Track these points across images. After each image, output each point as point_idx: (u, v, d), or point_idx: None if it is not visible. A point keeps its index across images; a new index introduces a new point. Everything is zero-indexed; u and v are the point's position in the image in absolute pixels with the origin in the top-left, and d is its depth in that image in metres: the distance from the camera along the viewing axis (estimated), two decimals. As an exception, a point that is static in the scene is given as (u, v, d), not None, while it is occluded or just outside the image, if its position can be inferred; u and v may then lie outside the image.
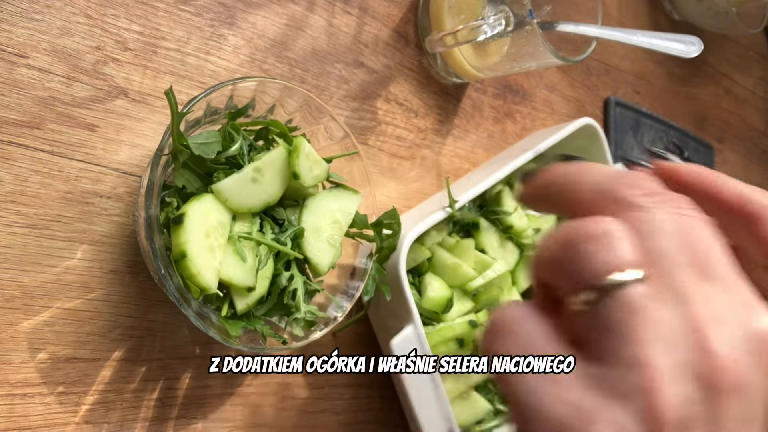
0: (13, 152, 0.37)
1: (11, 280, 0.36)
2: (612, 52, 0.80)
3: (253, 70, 0.47)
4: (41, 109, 0.37)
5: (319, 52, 0.51)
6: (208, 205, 0.37)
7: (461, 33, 0.50)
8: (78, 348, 0.38)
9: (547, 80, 0.70)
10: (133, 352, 0.40)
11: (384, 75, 0.55)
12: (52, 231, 0.38)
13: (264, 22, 0.48)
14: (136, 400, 0.40)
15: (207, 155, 0.38)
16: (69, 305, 0.38)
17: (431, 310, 0.50)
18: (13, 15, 0.37)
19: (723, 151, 0.99)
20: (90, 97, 0.39)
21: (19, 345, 0.36)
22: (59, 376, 0.37)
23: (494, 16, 0.49)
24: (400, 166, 0.56)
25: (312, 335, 0.41)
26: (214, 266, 0.37)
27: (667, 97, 0.89)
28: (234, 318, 0.40)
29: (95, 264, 0.39)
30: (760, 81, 1.10)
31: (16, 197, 0.36)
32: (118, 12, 0.41)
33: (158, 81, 0.42)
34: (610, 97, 0.78)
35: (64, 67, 0.38)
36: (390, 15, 0.56)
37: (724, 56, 1.02)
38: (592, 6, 0.53)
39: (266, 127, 0.42)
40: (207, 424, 0.42)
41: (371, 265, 0.44)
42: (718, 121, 0.99)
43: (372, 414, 0.51)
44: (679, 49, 0.52)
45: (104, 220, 0.39)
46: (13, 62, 0.37)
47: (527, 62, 0.52)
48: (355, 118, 0.53)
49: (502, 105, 0.65)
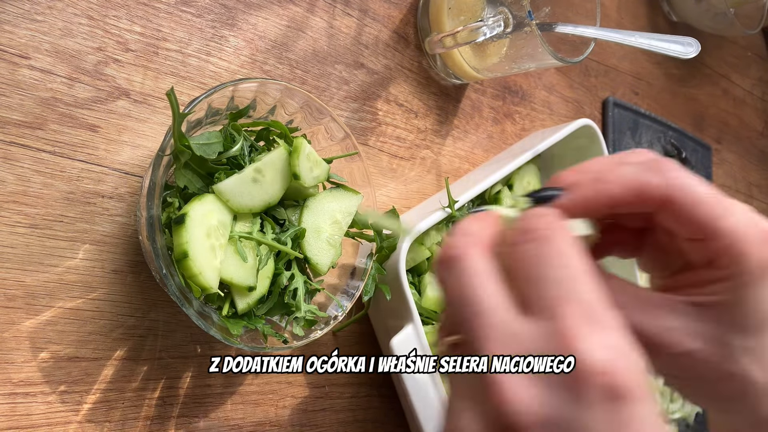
0: (16, 153, 0.37)
1: (14, 279, 0.36)
2: (610, 53, 0.81)
3: (254, 71, 0.47)
4: (43, 110, 0.38)
5: (319, 54, 0.51)
6: (210, 206, 0.38)
7: (461, 34, 0.51)
8: (80, 347, 0.38)
9: (546, 81, 0.71)
10: (134, 351, 0.40)
11: (384, 76, 0.55)
12: (54, 231, 0.38)
13: (265, 23, 0.48)
14: (138, 399, 0.40)
15: (208, 156, 0.38)
16: (71, 305, 0.38)
17: (431, 310, 0.50)
18: (15, 16, 0.37)
19: (721, 152, 1.00)
20: (92, 98, 0.39)
21: (21, 344, 0.36)
22: (61, 375, 0.37)
23: (493, 17, 0.49)
24: (400, 166, 0.56)
25: (312, 334, 0.41)
26: (215, 266, 0.37)
27: (665, 98, 0.89)
28: (235, 317, 0.40)
29: (97, 264, 0.39)
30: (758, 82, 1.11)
31: (19, 197, 0.37)
32: (119, 13, 0.41)
33: (159, 82, 0.42)
34: (609, 98, 0.78)
35: (65, 68, 0.39)
36: (390, 16, 0.56)
37: (722, 57, 1.03)
38: (591, 7, 0.53)
39: (267, 127, 0.42)
40: (208, 423, 0.43)
41: (371, 264, 0.44)
42: (717, 122, 0.99)
43: (372, 413, 0.51)
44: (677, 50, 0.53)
45: (106, 220, 0.40)
46: (16, 63, 0.37)
47: (526, 63, 0.52)
48: (355, 119, 0.53)
49: (502, 106, 0.66)
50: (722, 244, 0.27)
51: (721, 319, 0.28)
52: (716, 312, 0.28)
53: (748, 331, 0.28)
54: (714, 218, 0.27)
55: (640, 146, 0.82)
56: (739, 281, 0.27)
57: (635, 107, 0.81)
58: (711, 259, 0.28)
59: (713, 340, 0.28)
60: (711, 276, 0.28)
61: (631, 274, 0.65)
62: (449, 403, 0.25)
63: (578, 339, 0.22)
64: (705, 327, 0.28)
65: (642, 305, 0.29)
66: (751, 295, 0.27)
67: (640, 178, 0.27)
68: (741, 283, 0.27)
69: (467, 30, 0.50)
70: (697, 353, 0.28)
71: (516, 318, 0.24)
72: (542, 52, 0.49)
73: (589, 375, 0.21)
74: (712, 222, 0.27)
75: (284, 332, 0.42)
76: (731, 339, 0.28)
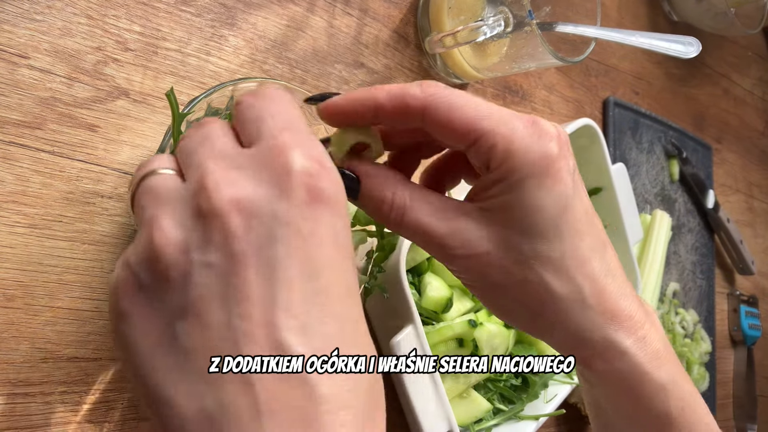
0: (15, 152, 0.37)
1: (13, 279, 0.36)
2: (611, 53, 0.80)
3: (253, 70, 0.47)
4: (42, 110, 0.38)
5: (319, 53, 0.51)
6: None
7: (461, 34, 0.51)
8: (79, 347, 0.38)
9: (546, 81, 0.71)
10: (134, 351, 0.40)
11: (384, 75, 0.55)
12: (54, 231, 0.38)
13: (265, 22, 0.48)
14: (138, 400, 0.40)
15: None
16: (70, 305, 0.38)
17: (431, 310, 0.50)
18: (15, 16, 0.37)
19: (722, 151, 1.00)
20: (91, 98, 0.39)
21: (20, 344, 0.36)
22: (61, 375, 0.37)
23: (493, 17, 0.49)
24: (400, 166, 0.56)
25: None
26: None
27: (665, 98, 0.89)
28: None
29: (96, 264, 0.39)
30: (759, 81, 1.10)
31: (18, 197, 0.37)
32: (118, 13, 0.41)
33: (159, 81, 0.42)
34: (609, 98, 0.78)
35: (65, 68, 0.39)
36: (390, 16, 0.56)
37: (723, 57, 1.02)
38: (591, 7, 0.53)
39: (267, 127, 0.42)
40: (207, 424, 0.43)
41: (371, 263, 0.44)
42: (717, 122, 0.99)
43: (372, 413, 0.51)
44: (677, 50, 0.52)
45: (105, 220, 0.40)
46: (15, 63, 0.37)
47: (526, 63, 0.52)
48: (355, 119, 0.53)
49: (502, 105, 0.66)
50: (486, 146, 0.27)
51: (506, 223, 0.28)
52: (501, 216, 0.28)
53: (533, 234, 0.28)
54: (472, 120, 0.27)
55: (640, 146, 0.82)
56: (509, 181, 0.28)
57: (636, 107, 0.81)
58: (486, 162, 0.28)
59: (501, 243, 0.28)
60: (489, 180, 0.28)
61: (628, 259, 0.65)
62: None
63: (289, 149, 0.23)
64: (492, 231, 0.28)
65: (436, 210, 0.29)
66: (525, 194, 0.27)
67: (402, 89, 0.28)
68: (512, 183, 0.28)
69: (467, 29, 0.50)
70: (486, 256, 0.28)
71: (237, 148, 0.24)
72: (542, 51, 0.49)
73: (296, 175, 0.22)
74: (470, 124, 0.27)
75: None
76: (519, 243, 0.28)
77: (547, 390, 0.57)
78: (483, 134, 0.27)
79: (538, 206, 0.27)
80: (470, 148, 0.28)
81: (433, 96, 0.28)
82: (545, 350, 0.57)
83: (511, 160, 0.27)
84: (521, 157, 0.27)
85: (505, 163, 0.27)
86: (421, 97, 0.28)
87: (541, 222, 0.28)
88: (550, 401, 0.56)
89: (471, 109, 0.28)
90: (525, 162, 0.27)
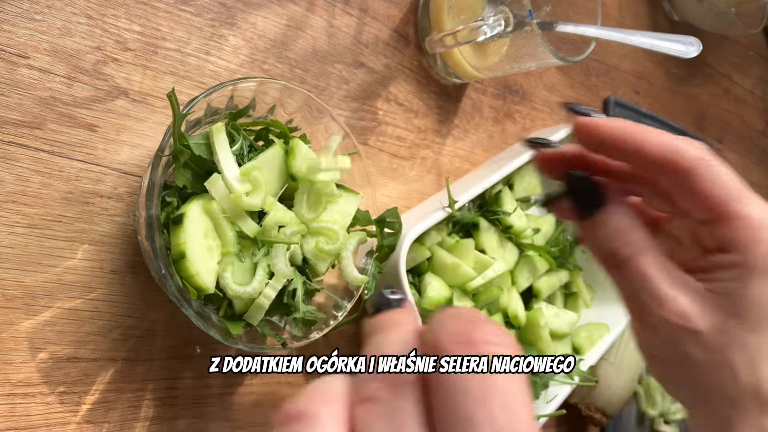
0: (14, 152, 0.37)
1: (12, 280, 0.36)
2: (611, 53, 0.80)
3: (253, 70, 0.47)
4: (42, 110, 0.38)
5: (319, 53, 0.51)
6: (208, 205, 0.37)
7: (461, 33, 0.51)
8: (79, 348, 0.38)
9: (546, 80, 0.71)
10: (133, 351, 0.40)
11: (384, 75, 0.55)
12: (53, 231, 0.38)
13: (264, 22, 0.48)
14: (137, 400, 0.40)
15: (207, 155, 0.38)
16: (70, 305, 0.38)
17: (431, 310, 0.50)
18: (14, 15, 0.37)
19: (722, 151, 0.99)
20: (90, 98, 0.39)
21: (20, 345, 0.36)
22: (60, 375, 0.37)
23: (494, 16, 0.49)
24: (400, 166, 0.56)
25: (311, 335, 0.41)
26: (213, 267, 0.37)
27: (666, 97, 0.89)
28: (234, 317, 0.40)
29: (96, 264, 0.39)
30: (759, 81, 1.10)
31: (17, 197, 0.37)
32: (118, 12, 0.41)
33: (158, 81, 0.42)
34: (610, 97, 0.78)
35: (64, 68, 0.38)
36: (390, 15, 0.56)
37: (724, 56, 1.02)
38: (592, 6, 0.53)
39: (266, 127, 0.42)
40: (207, 424, 0.42)
41: (371, 263, 0.44)
42: (718, 121, 0.99)
43: (372, 413, 0.51)
44: (678, 50, 0.52)
45: (105, 220, 0.40)
46: (14, 62, 0.37)
47: (527, 62, 0.52)
48: (355, 119, 0.53)
49: (502, 105, 0.66)
50: (733, 229, 0.27)
51: (728, 310, 0.28)
52: (725, 301, 0.28)
53: (748, 324, 0.28)
54: (729, 201, 0.27)
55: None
56: (746, 270, 0.27)
57: (636, 107, 0.81)
58: (721, 244, 0.28)
59: (717, 326, 0.28)
60: (720, 262, 0.28)
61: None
62: None
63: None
64: (710, 312, 0.28)
65: (665, 266, 0.29)
66: (756, 285, 0.27)
67: (677, 142, 0.28)
68: (748, 271, 0.27)
69: (468, 29, 0.50)
70: (697, 335, 0.28)
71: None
72: (543, 51, 0.48)
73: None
74: (726, 204, 0.27)
75: (283, 333, 0.41)
76: (734, 330, 0.28)
77: (548, 390, 0.57)
78: (734, 217, 0.27)
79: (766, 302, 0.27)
80: (709, 224, 0.28)
81: (704, 162, 0.28)
82: (545, 350, 0.57)
83: (755, 251, 0.27)
84: (765, 250, 0.27)
85: (746, 251, 0.27)
86: (693, 159, 0.28)
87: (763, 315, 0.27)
88: (550, 402, 0.56)
89: (732, 190, 0.28)
90: None
